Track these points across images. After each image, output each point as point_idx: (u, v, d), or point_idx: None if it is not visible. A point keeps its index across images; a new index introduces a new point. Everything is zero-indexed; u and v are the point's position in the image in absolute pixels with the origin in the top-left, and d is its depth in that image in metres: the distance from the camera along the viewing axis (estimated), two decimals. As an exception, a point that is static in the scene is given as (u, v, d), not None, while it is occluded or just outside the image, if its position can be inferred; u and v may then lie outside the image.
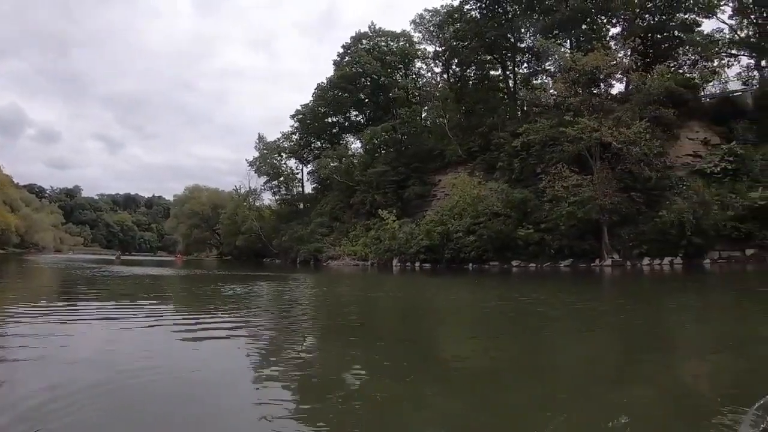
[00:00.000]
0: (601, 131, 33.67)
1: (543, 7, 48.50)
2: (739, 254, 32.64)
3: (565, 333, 12.42)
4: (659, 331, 12.98)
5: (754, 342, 11.00)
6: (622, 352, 10.46)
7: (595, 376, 7.84)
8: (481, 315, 16.51)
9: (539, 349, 10.37)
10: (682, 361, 9.42)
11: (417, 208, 50.18)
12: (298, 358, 8.74)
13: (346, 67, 61.50)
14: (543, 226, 37.20)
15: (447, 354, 9.87)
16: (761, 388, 6.28)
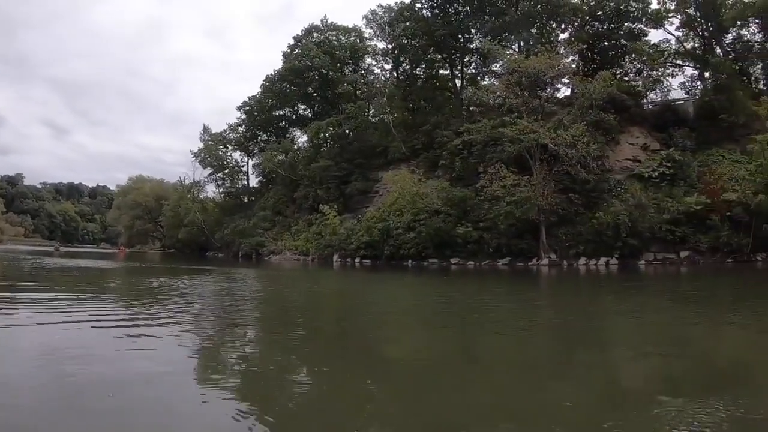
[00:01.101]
0: (539, 133, 33.58)
1: (494, 9, 48.31)
2: (673, 256, 33.30)
3: (502, 331, 12.28)
4: (592, 329, 13.08)
5: (684, 342, 11.19)
6: (556, 350, 10.45)
7: (530, 373, 7.93)
8: (419, 312, 16.41)
9: (477, 348, 10.49)
10: (615, 360, 9.45)
11: (359, 204, 49.39)
12: (238, 355, 8.69)
13: (296, 60, 59.78)
14: (482, 224, 37.03)
15: (386, 352, 9.86)
16: (691, 386, 6.80)
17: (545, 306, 19.39)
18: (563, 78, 39.65)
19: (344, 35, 60.99)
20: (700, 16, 46.45)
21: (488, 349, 10.29)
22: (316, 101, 62.48)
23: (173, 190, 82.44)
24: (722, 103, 39.25)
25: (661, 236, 33.00)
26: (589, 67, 43.86)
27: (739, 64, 47.70)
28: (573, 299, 21.16)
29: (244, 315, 14.13)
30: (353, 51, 59.24)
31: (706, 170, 35.46)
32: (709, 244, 32.60)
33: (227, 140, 70.00)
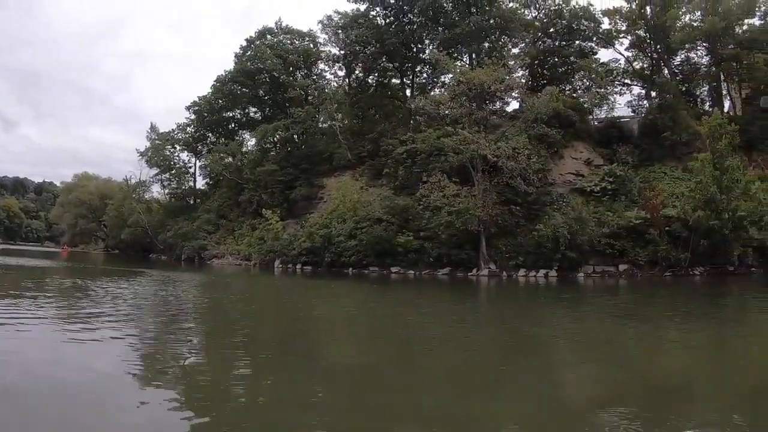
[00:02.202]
0: (479, 144, 33.24)
1: (447, 20, 47.85)
2: (612, 269, 33.46)
3: (439, 341, 12.52)
4: (529, 341, 13.43)
5: (621, 354, 11.63)
6: (494, 360, 10.68)
7: (468, 384, 8.06)
8: (358, 321, 16.75)
9: (417, 355, 10.78)
10: (552, 370, 9.68)
11: (303, 210, 48.16)
12: (181, 360, 8.68)
13: (248, 62, 57.94)
14: (423, 234, 36.51)
15: (328, 359, 10.04)
16: (629, 398, 6.99)
17: (484, 317, 19.83)
18: (513, 92, 39.59)
19: (298, 39, 59.49)
20: (649, 37, 47.22)
21: (427, 359, 10.37)
22: (266, 104, 60.74)
23: (118, 189, 78.99)
24: (666, 121, 39.68)
25: (600, 249, 33.12)
26: (539, 83, 44.18)
27: (686, 86, 48.75)
28: (511, 310, 21.64)
29: (184, 323, 13.96)
30: (306, 56, 57.83)
31: (647, 186, 35.85)
32: (647, 258, 32.83)
33: (175, 140, 67.46)
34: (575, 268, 33.22)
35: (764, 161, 39.79)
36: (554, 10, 46.73)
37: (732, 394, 8.31)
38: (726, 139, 32.81)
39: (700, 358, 12.28)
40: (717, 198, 30.80)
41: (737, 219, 31.01)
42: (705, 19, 43.53)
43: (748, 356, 12.30)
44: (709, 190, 31.07)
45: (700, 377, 10.03)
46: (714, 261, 32.15)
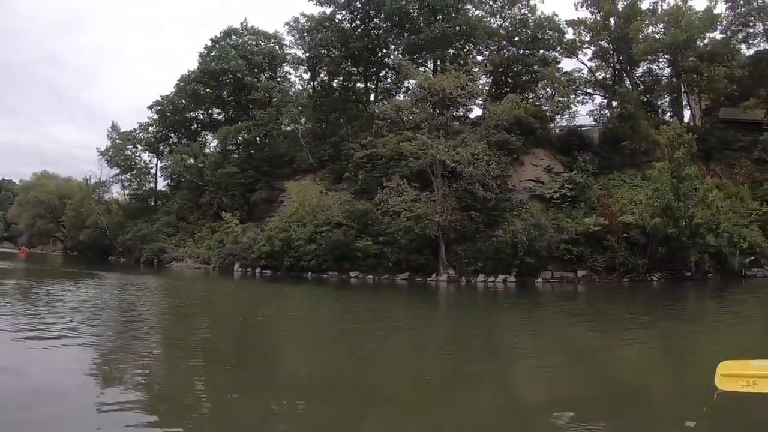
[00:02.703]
0: (438, 149, 33.00)
1: (412, 26, 47.59)
2: (571, 275, 33.63)
3: (399, 347, 12.61)
4: (490, 346, 13.52)
5: (580, 358, 11.74)
6: (455, 366, 10.62)
7: (429, 389, 8.17)
8: (318, 328, 16.68)
9: (374, 361, 10.74)
10: (514, 376, 9.70)
11: (263, 213, 47.20)
12: (139, 369, 8.61)
13: (212, 62, 56.53)
14: (382, 238, 35.99)
15: (287, 369, 10.08)
16: (588, 402, 7.17)
17: (443, 322, 19.97)
18: (476, 99, 39.68)
19: (264, 41, 58.45)
20: (612, 48, 47.90)
21: (386, 365, 10.38)
22: (230, 106, 59.44)
23: (78, 189, 76.64)
24: (626, 130, 40.11)
25: (559, 255, 33.24)
26: (503, 90, 44.32)
27: (647, 96, 49.46)
28: (470, 316, 21.74)
29: (141, 330, 13.74)
30: (271, 58, 56.85)
31: (606, 193, 36.26)
32: (605, 264, 33.06)
33: (137, 140, 65.45)
34: (534, 273, 33.23)
35: (722, 170, 40.44)
36: (519, 19, 46.95)
37: (691, 397, 8.50)
38: (684, 148, 33.28)
39: (659, 361, 12.46)
40: (674, 205, 31.28)
41: (694, 226, 31.42)
42: (667, 32, 44.18)
43: (705, 359, 11.99)
44: (666, 197, 31.47)
45: (658, 381, 10.18)
46: (671, 267, 32.53)
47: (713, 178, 38.68)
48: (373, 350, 12.03)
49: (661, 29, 45.38)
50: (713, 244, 32.08)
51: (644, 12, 46.90)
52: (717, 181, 38.72)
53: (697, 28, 43.67)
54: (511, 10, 47.05)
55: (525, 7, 46.74)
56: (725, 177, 40.04)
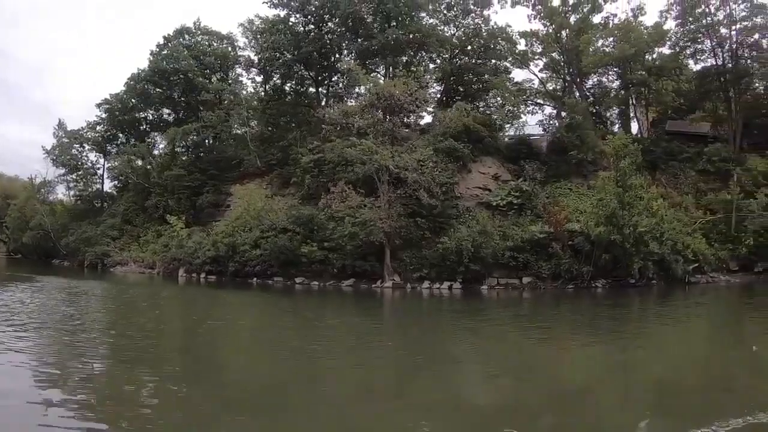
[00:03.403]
0: (382, 154, 32.65)
1: (366, 31, 47.10)
2: (516, 282, 33.57)
3: (344, 354, 12.57)
4: (437, 353, 13.44)
5: (527, 364, 11.94)
6: (401, 374, 10.75)
7: (375, 397, 8.21)
8: (263, 335, 16.62)
9: (319, 372, 10.69)
10: (462, 382, 9.80)
11: (210, 217, 46.12)
12: (84, 379, 8.50)
13: (163, 61, 54.88)
14: (327, 244, 35.32)
15: (233, 375, 10.17)
16: (537, 407, 7.54)
17: (388, 329, 20.11)
18: (426, 106, 39.27)
19: (217, 41, 57.14)
20: (563, 60, 48.55)
21: (331, 373, 10.47)
22: (180, 106, 57.70)
23: (23, 189, 73.47)
24: (573, 140, 40.37)
25: (504, 262, 33.19)
26: (454, 98, 44.48)
27: (596, 108, 50.36)
28: (416, 322, 21.96)
29: (84, 339, 13.38)
30: (223, 59, 55.51)
31: (552, 201, 36.29)
32: (550, 271, 33.08)
33: (84, 139, 62.95)
34: (479, 280, 33.10)
35: (667, 180, 41.15)
36: (472, 29, 47.20)
37: (633, 401, 8.78)
38: (629, 158, 33.63)
39: (602, 366, 12.68)
40: (618, 214, 31.53)
41: (638, 234, 31.67)
42: (617, 46, 44.86)
43: (645, 364, 12.85)
44: (611, 206, 31.74)
45: (603, 386, 10.41)
46: (615, 274, 32.76)
47: (658, 188, 39.16)
48: (318, 359, 12.00)
49: (611, 43, 46.12)
50: (657, 252, 32.37)
51: (596, 26, 47.75)
52: (662, 190, 39.29)
53: (646, 43, 44.50)
54: (464, 20, 47.26)
55: (479, 17, 47.04)
56: (670, 187, 40.76)
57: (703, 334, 19.53)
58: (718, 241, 36.23)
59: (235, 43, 56.63)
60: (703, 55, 45.36)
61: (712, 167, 40.79)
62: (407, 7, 44.65)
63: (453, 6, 46.61)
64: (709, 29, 42.69)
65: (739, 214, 36.28)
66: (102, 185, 65.69)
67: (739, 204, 36.46)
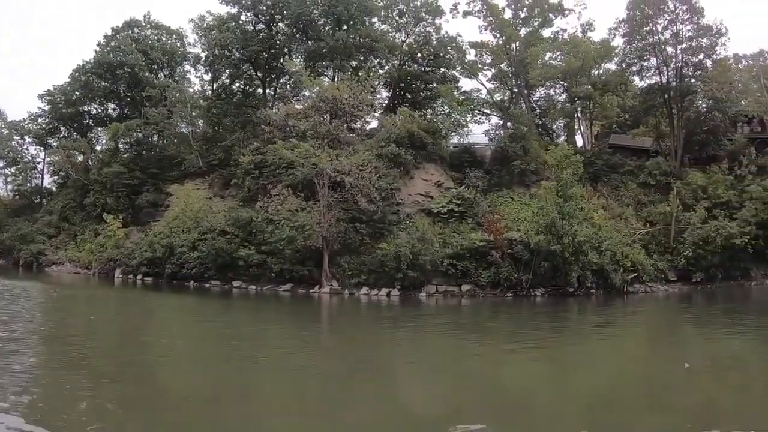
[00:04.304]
0: (319, 157, 31.98)
1: (315, 33, 46.32)
2: (455, 289, 33.17)
3: (280, 362, 12.38)
4: (376, 359, 13.48)
5: (465, 371, 12.05)
6: (339, 381, 10.61)
7: (313, 407, 8.32)
8: (195, 344, 16.14)
9: (253, 381, 10.65)
10: (401, 389, 9.89)
11: (149, 217, 44.47)
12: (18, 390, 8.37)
13: (110, 53, 52.67)
14: (265, 248, 34.39)
15: (168, 384, 10.18)
16: (477, 413, 7.86)
17: (324, 338, 19.78)
18: (372, 111, 39.08)
19: (166, 36, 55.30)
20: (511, 72, 49.01)
21: (266, 383, 10.38)
22: (125, 101, 55.47)
23: (-42, 182, 69.51)
24: (516, 150, 40.61)
25: (443, 270, 32.81)
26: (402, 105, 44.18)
27: (542, 119, 50.94)
28: (353, 330, 21.79)
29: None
30: (171, 54, 53.75)
31: (493, 210, 36.15)
32: (490, 279, 32.87)
33: (24, 130, 60.01)
34: (418, 287, 32.64)
35: (608, 192, 41.70)
36: (423, 37, 46.91)
37: (571, 408, 8.92)
38: (571, 169, 33.73)
39: (539, 378, 12.64)
40: (558, 223, 31.62)
41: (577, 244, 31.84)
42: (564, 59, 45.37)
43: (580, 378, 12.91)
44: (551, 215, 31.78)
45: (540, 393, 10.50)
46: (555, 283, 32.80)
47: (600, 200, 39.73)
48: (254, 369, 11.88)
49: (558, 56, 46.65)
50: (596, 262, 32.60)
51: (545, 40, 48.41)
52: (603, 202, 39.89)
53: (593, 58, 45.22)
54: (416, 27, 46.95)
55: (430, 26, 46.79)
56: (611, 198, 41.31)
57: (638, 347, 19.49)
58: (657, 252, 36.78)
59: (184, 39, 55.06)
60: (648, 72, 46.18)
61: (653, 180, 41.62)
62: (359, 11, 44.10)
63: (405, 13, 46.27)
64: (655, 47, 43.50)
65: (679, 226, 36.97)
66: (42, 180, 62.89)
67: (678, 216, 37.15)
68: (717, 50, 42.51)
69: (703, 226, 35.74)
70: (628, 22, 44.21)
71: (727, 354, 17.01)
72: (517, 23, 48.27)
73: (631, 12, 43.87)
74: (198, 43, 52.22)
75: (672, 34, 42.84)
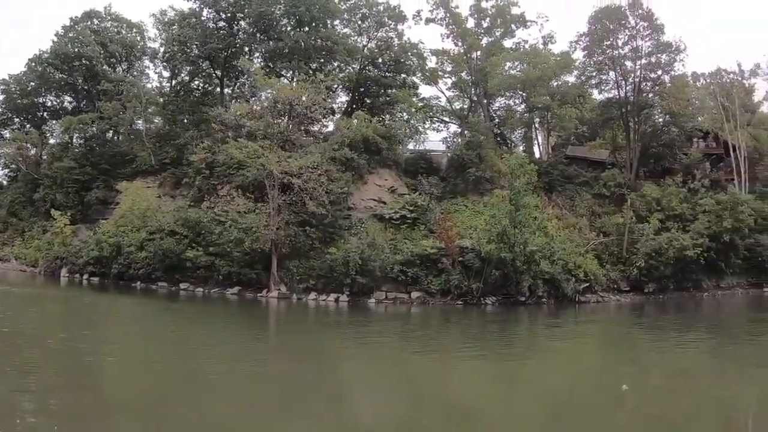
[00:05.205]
0: (268, 159, 31.20)
1: (275, 33, 45.28)
2: (405, 296, 32.71)
3: (223, 375, 12.09)
4: (319, 369, 13.20)
5: (412, 380, 11.99)
6: (288, 389, 10.58)
7: (260, 416, 8.37)
8: (140, 350, 16.18)
9: (201, 387, 10.69)
10: (349, 398, 9.94)
11: (99, 215, 42.67)
12: None
13: (68, 44, 50.57)
14: (212, 249, 33.39)
15: (112, 393, 10.36)
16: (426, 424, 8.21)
17: (271, 347, 19.55)
18: (330, 115, 38.86)
19: (126, 29, 53.51)
20: (471, 81, 48.95)
21: (207, 397, 10.06)
22: (81, 94, 53.26)
23: None
24: (472, 158, 40.45)
25: (393, 276, 32.34)
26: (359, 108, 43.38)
27: (500, 129, 51.01)
28: (299, 337, 21.26)
29: None
30: (130, 48, 52.07)
31: (446, 217, 35.67)
32: (440, 287, 32.50)
33: (-24, 121, 57.04)
34: (367, 293, 32.09)
35: (563, 202, 41.83)
36: (385, 42, 46.29)
37: (523, 419, 8.98)
38: (525, 178, 33.55)
39: (490, 383, 12.75)
40: (510, 232, 31.39)
41: (529, 253, 31.70)
42: (523, 69, 45.48)
43: (531, 381, 13.19)
44: (502, 223, 31.53)
45: (490, 402, 10.58)
46: (506, 291, 32.51)
47: (554, 209, 39.78)
48: (196, 379, 11.69)
49: (518, 66, 46.75)
50: (548, 271, 32.51)
51: (507, 50, 48.37)
52: (558, 212, 39.93)
53: (552, 70, 45.38)
54: (378, 32, 46.34)
55: (392, 31, 46.22)
56: (566, 209, 41.34)
57: (581, 362, 18.91)
58: (610, 262, 36.80)
59: (145, 34, 53.31)
60: (607, 86, 46.62)
61: (608, 192, 41.84)
62: (321, 13, 43.29)
63: (368, 17, 45.66)
64: (614, 62, 43.89)
65: (632, 237, 37.11)
66: (-9, 173, 59.80)
67: (631, 227, 37.30)
68: (675, 66, 43.24)
69: (656, 237, 35.97)
70: (590, 36, 44.44)
71: (671, 370, 16.86)
72: (480, 33, 48.18)
73: (593, 26, 44.12)
74: (158, 38, 50.58)
75: (631, 50, 43.28)
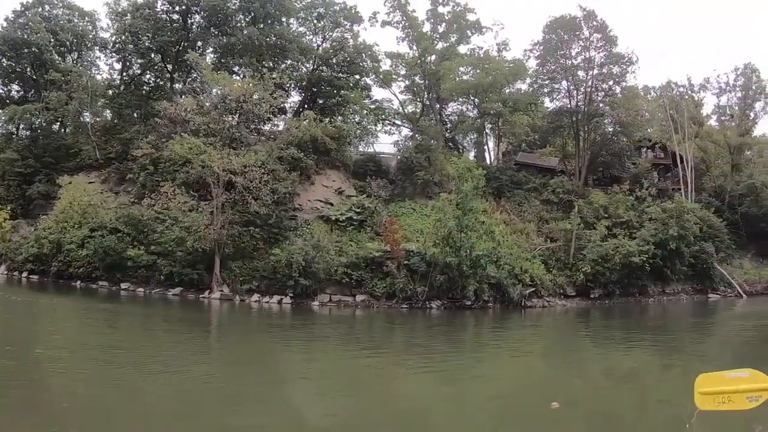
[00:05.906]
0: (209, 155, 30.51)
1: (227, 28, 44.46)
2: (349, 299, 32.39)
3: (164, 378, 11.76)
4: (263, 373, 13.06)
5: (359, 385, 11.82)
6: (225, 396, 10.11)
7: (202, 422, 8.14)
8: (85, 350, 15.83)
9: (138, 386, 10.74)
10: (293, 404, 9.65)
11: (41, 210, 40.87)
12: None
13: (17, 30, 48.41)
14: (154, 248, 32.53)
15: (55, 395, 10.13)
16: None
17: (213, 346, 19.64)
18: (283, 114, 38.72)
19: (79, 18, 51.51)
20: (424, 85, 49.35)
21: (145, 403, 9.83)
22: (28, 83, 51.03)
23: None
24: (421, 161, 40.65)
25: (338, 278, 32.01)
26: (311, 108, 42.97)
27: (452, 133, 51.52)
28: (242, 339, 21.29)
29: None
30: (81, 38, 50.19)
31: (393, 220, 35.70)
32: (385, 290, 32.29)
33: None
34: (311, 295, 31.71)
35: (511, 208, 42.41)
36: (339, 42, 46.10)
37: (471, 421, 8.84)
38: (472, 182, 33.75)
39: (434, 388, 12.52)
40: (455, 236, 31.47)
41: (474, 257, 31.81)
42: (475, 75, 45.93)
43: (476, 385, 12.90)
44: (448, 227, 31.55)
45: (436, 406, 10.48)
46: (451, 295, 32.54)
47: (502, 214, 40.23)
48: (133, 387, 11.33)
49: (471, 71, 47.21)
50: (494, 275, 32.70)
51: (461, 55, 48.80)
52: (505, 217, 40.40)
53: (504, 76, 45.99)
54: (333, 32, 46.17)
55: (348, 32, 46.11)
56: (514, 214, 41.88)
57: (526, 367, 18.52)
58: (556, 268, 37.23)
59: (97, 23, 51.34)
60: (559, 94, 47.54)
61: (556, 198, 42.62)
62: (276, 10, 42.78)
63: (324, 17, 45.45)
64: (567, 71, 44.71)
65: (579, 243, 37.68)
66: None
67: (579, 233, 37.90)
68: (627, 78, 44.43)
69: (602, 243, 36.54)
70: (544, 45, 45.24)
71: (612, 377, 16.86)
72: (435, 37, 48.45)
73: (547, 36, 44.94)
74: (111, 28, 48.94)
75: (584, 60, 44.24)
